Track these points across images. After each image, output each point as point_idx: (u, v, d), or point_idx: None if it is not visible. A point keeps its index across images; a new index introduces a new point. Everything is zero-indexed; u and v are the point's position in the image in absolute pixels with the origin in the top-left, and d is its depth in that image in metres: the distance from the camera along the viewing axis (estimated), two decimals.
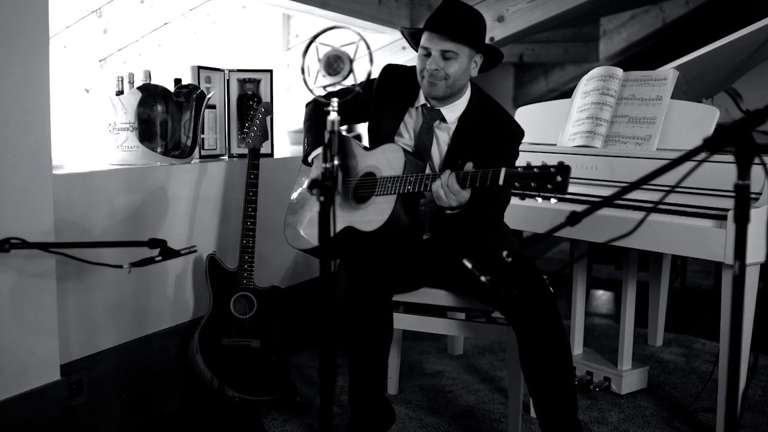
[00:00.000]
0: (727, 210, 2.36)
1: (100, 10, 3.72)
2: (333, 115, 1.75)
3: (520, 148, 2.47)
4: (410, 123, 2.49)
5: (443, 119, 2.43)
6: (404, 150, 2.33)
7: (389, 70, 2.56)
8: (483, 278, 1.65)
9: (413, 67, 2.52)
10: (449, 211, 2.19)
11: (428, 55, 2.34)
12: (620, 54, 7.10)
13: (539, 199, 1.99)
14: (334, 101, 1.75)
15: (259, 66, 3.28)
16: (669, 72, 2.74)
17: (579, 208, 2.77)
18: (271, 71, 3.22)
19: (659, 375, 3.15)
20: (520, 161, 2.36)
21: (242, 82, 3.26)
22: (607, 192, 2.76)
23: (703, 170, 1.82)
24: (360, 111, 2.58)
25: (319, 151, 2.45)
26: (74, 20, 3.67)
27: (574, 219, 1.54)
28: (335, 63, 1.76)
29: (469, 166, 2.12)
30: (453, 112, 2.44)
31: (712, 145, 1.31)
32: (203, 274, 2.73)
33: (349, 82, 1.79)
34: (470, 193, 2.13)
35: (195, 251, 2.02)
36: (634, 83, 2.83)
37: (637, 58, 7.29)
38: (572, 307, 3.15)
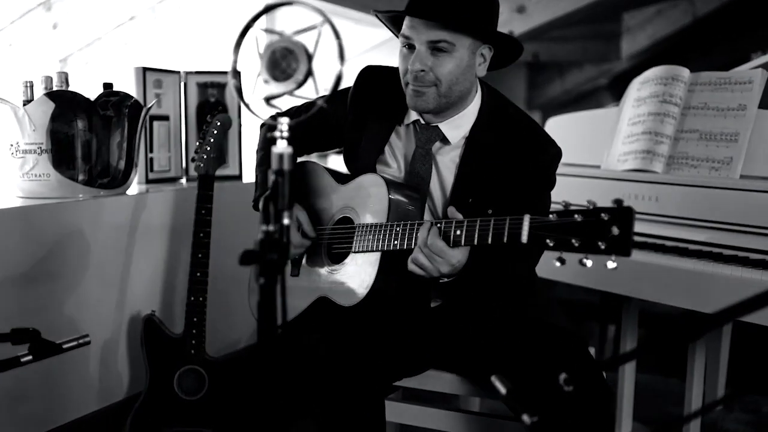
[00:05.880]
0: None
1: (48, 1, 3.27)
2: (281, 146, 1.09)
3: None
4: (399, 147, 1.79)
5: (444, 140, 1.74)
6: (387, 183, 1.65)
7: (369, 73, 1.86)
8: (526, 418, 0.98)
9: None
10: (443, 279, 1.55)
11: (411, 48, 1.64)
12: (644, 52, 6.71)
13: (588, 262, 1.28)
14: (284, 122, 1.09)
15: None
16: (756, 73, 2.06)
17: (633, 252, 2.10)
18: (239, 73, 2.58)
19: None
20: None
21: (203, 87, 2.66)
22: (671, 232, 2.09)
23: None
24: (334, 133, 1.89)
25: None
26: (19, 14, 3.20)
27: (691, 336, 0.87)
28: (284, 61, 1.10)
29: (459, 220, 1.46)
30: (458, 128, 1.73)
31: None
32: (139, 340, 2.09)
33: (307, 92, 1.13)
34: (466, 253, 1.49)
35: (88, 342, 1.37)
36: (706, 87, 2.15)
37: (664, 56, 6.77)
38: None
